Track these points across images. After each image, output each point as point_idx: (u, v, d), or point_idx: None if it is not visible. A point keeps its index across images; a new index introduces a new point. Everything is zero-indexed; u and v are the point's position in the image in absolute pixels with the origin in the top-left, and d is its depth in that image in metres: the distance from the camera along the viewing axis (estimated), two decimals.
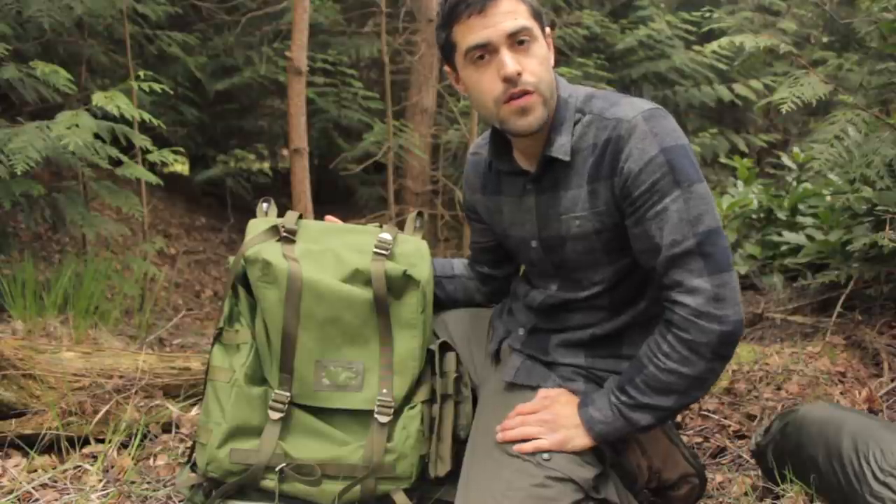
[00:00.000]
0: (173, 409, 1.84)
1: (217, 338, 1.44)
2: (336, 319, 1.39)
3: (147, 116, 2.98)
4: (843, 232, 2.68)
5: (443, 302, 1.62)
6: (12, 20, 3.30)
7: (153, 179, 3.17)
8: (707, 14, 3.04)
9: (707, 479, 1.46)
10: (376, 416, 1.38)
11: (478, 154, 1.49)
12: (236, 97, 6.14)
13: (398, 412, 1.40)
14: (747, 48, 2.53)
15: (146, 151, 3.24)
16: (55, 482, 1.59)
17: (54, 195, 3.18)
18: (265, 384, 1.41)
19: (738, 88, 5.85)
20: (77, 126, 2.61)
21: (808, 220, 3.18)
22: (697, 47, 5.73)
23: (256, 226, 1.47)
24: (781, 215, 3.53)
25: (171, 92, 4.06)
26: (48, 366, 1.80)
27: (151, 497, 1.54)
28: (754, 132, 6.63)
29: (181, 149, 3.80)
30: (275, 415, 1.37)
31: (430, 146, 5.51)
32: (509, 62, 1.18)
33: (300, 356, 1.38)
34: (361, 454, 1.36)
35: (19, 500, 1.52)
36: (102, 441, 1.74)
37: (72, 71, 2.97)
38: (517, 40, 1.20)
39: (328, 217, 1.60)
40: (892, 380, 1.99)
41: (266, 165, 7.39)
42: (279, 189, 6.58)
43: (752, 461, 1.62)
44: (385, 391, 1.39)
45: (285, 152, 7.14)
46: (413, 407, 1.41)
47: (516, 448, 1.24)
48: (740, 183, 4.16)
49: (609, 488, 1.26)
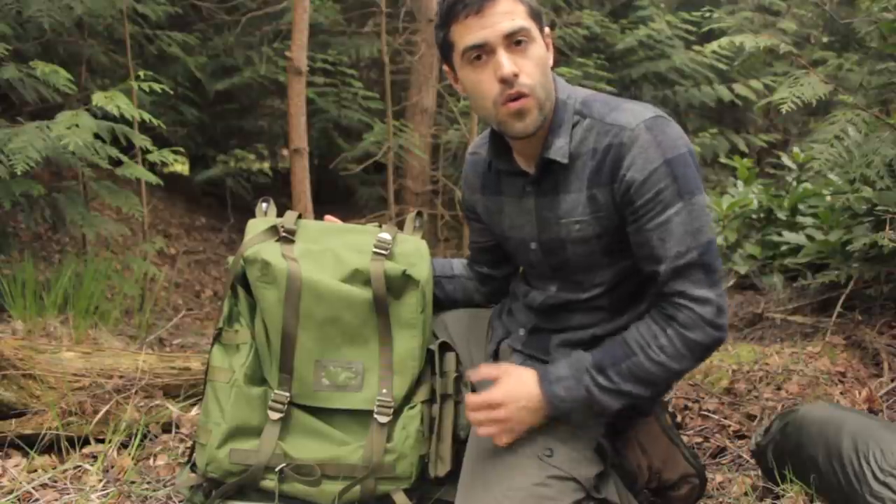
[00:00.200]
0: (173, 409, 1.84)
1: (216, 338, 1.44)
2: (335, 319, 1.38)
3: (147, 116, 2.98)
4: (843, 232, 2.68)
5: (442, 302, 1.61)
6: (12, 20, 3.30)
7: (153, 179, 3.17)
8: (707, 14, 3.03)
9: (707, 479, 1.46)
10: (376, 416, 1.38)
11: (477, 154, 1.49)
12: (236, 97, 6.14)
13: (398, 412, 1.40)
14: (747, 48, 2.53)
15: (146, 151, 3.24)
16: (55, 482, 1.59)
17: (54, 195, 3.18)
18: (265, 384, 1.41)
19: (738, 88, 5.85)
20: (77, 126, 2.61)
21: (808, 220, 3.17)
22: (697, 47, 5.72)
23: (256, 226, 1.47)
24: (781, 215, 3.52)
25: (171, 92, 4.06)
26: (48, 366, 1.80)
27: (151, 497, 1.54)
28: (754, 132, 6.63)
29: (181, 149, 3.79)
30: (274, 415, 1.37)
31: (430, 146, 5.51)
32: (506, 63, 1.18)
33: (300, 356, 1.38)
34: (361, 454, 1.36)
35: (19, 500, 1.52)
36: (102, 441, 1.74)
37: (72, 71, 2.97)
38: (514, 41, 1.19)
39: (327, 217, 1.59)
40: (892, 380, 1.99)
41: (266, 165, 7.38)
42: (279, 189, 6.58)
43: (752, 461, 1.62)
44: (385, 391, 1.39)
45: (285, 152, 7.14)
46: (413, 407, 1.41)
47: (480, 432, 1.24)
48: (740, 183, 4.16)
49: (609, 488, 1.26)
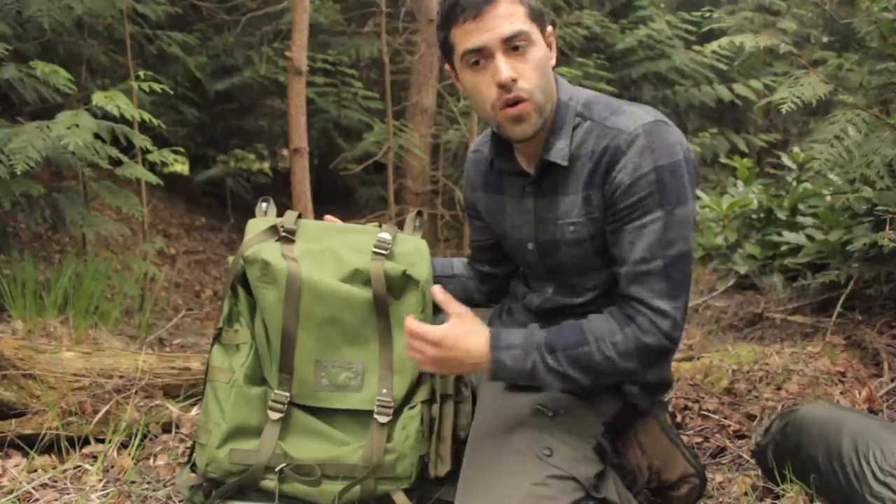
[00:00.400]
0: (173, 409, 1.84)
1: (216, 338, 1.44)
2: (335, 319, 1.38)
3: (147, 116, 2.98)
4: (843, 232, 2.68)
5: None
6: (12, 20, 3.30)
7: (153, 179, 3.17)
8: (707, 14, 3.03)
9: (707, 479, 1.46)
10: (376, 417, 1.38)
11: (479, 152, 1.49)
12: (236, 97, 6.14)
13: (398, 412, 1.40)
14: (747, 48, 2.53)
15: (146, 151, 3.24)
16: (55, 482, 1.59)
17: (54, 195, 3.18)
18: (265, 384, 1.41)
19: (738, 88, 5.85)
20: (77, 126, 2.61)
21: (808, 220, 3.17)
22: (697, 47, 5.73)
23: (255, 226, 1.47)
24: (781, 215, 3.52)
25: (171, 92, 4.06)
26: (48, 366, 1.80)
27: (151, 497, 1.54)
28: (754, 132, 6.63)
29: (181, 149, 3.79)
30: (274, 415, 1.37)
31: (430, 146, 5.51)
32: (504, 68, 1.18)
33: (299, 356, 1.38)
34: (361, 454, 1.36)
35: (19, 500, 1.52)
36: (102, 441, 1.74)
37: (72, 71, 2.97)
38: (513, 45, 1.19)
39: (327, 217, 1.59)
40: (892, 380, 1.98)
41: (266, 165, 7.39)
42: (279, 189, 6.58)
43: (752, 461, 1.62)
44: (385, 391, 1.39)
45: (285, 152, 7.14)
46: (413, 407, 1.41)
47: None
48: (740, 183, 4.16)
49: (609, 487, 1.26)
